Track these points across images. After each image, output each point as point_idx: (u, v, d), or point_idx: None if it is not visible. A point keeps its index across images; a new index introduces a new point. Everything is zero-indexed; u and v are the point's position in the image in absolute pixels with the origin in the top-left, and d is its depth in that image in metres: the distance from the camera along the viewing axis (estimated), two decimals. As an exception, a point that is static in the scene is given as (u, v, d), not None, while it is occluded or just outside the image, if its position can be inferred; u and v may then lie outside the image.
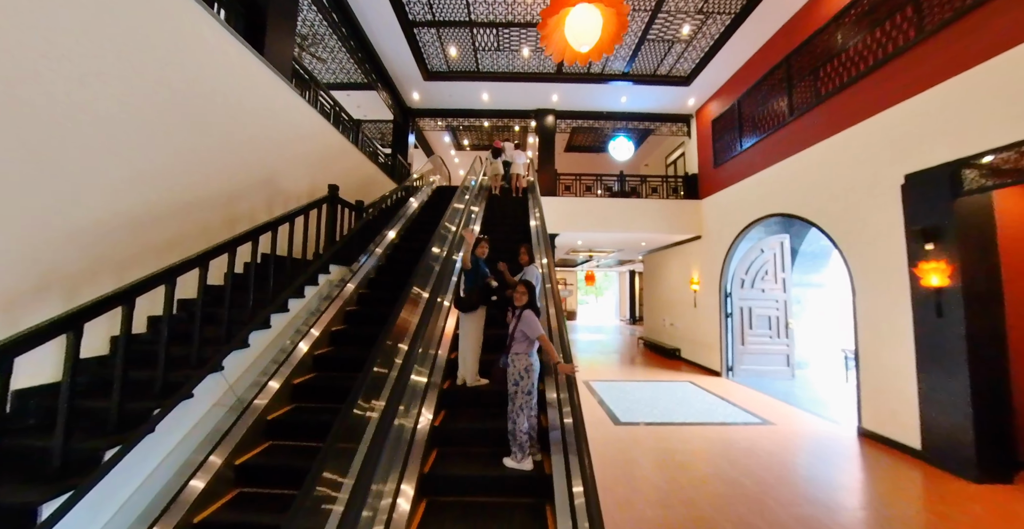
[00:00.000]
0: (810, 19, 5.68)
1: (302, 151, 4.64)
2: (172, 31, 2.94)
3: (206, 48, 3.24)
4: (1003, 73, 3.43)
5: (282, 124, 4.25)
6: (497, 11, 6.14)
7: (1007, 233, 3.85)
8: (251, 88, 3.75)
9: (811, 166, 5.55)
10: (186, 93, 3.06)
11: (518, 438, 2.44)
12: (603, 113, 9.15)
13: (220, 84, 3.39)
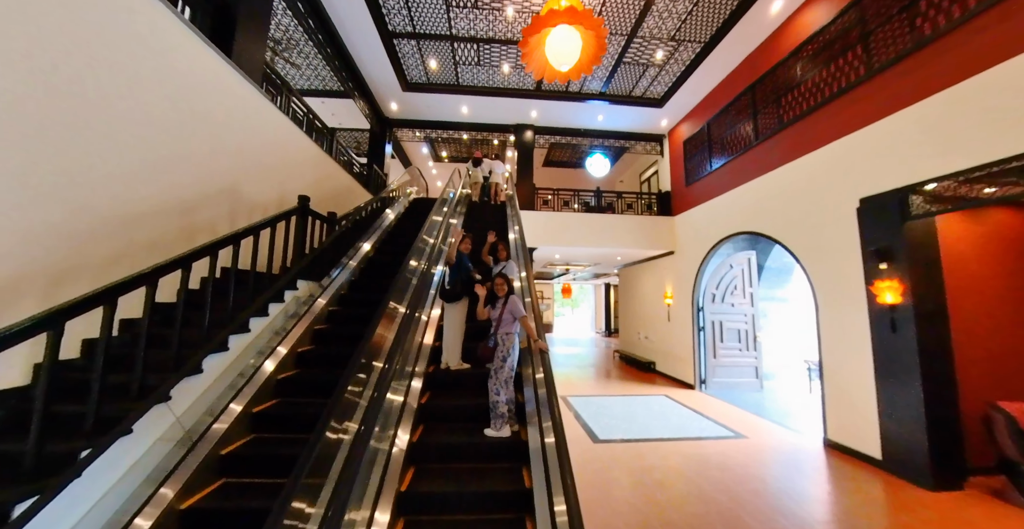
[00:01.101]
0: (772, 52, 6.02)
1: (271, 159, 4.43)
2: (129, 27, 2.75)
3: (166, 47, 3.05)
4: (939, 110, 3.73)
5: (250, 130, 4.05)
6: (478, 27, 6.18)
7: (950, 255, 4.13)
8: (216, 92, 3.56)
9: (775, 187, 5.81)
10: (141, 93, 2.85)
11: (499, 409, 2.79)
12: (580, 130, 9.34)
13: (181, 86, 3.19)
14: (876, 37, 4.41)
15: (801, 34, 5.47)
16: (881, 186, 4.26)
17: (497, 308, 3.11)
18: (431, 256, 4.10)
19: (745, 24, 5.88)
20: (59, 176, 2.33)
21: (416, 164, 12.69)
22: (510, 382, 2.90)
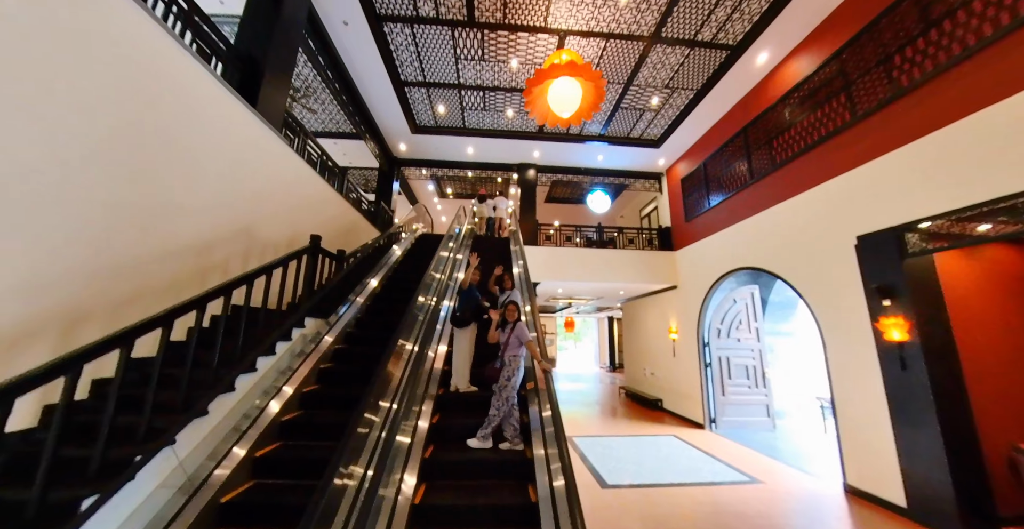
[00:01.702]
0: (762, 97, 6.39)
1: (286, 200, 4.61)
2: (166, 82, 2.98)
3: (199, 99, 3.28)
4: (925, 154, 3.90)
5: (269, 175, 4.25)
6: (484, 76, 6.62)
7: (954, 292, 4.15)
8: (241, 140, 3.78)
9: (774, 224, 5.94)
10: (172, 144, 3.04)
11: (491, 422, 3.07)
12: (581, 169, 9.70)
13: (210, 136, 3.40)
14: (858, 86, 4.71)
15: (788, 82, 5.83)
16: (877, 224, 4.36)
17: (505, 332, 3.41)
18: (440, 291, 4.15)
19: (734, 74, 6.28)
20: (89, 219, 2.44)
21: (422, 200, 13.06)
22: (512, 399, 3.15)
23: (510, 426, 3.10)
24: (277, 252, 4.33)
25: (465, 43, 5.88)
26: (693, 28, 5.50)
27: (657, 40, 5.69)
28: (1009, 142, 3.25)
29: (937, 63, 3.85)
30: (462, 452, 2.94)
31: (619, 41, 5.76)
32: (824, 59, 5.17)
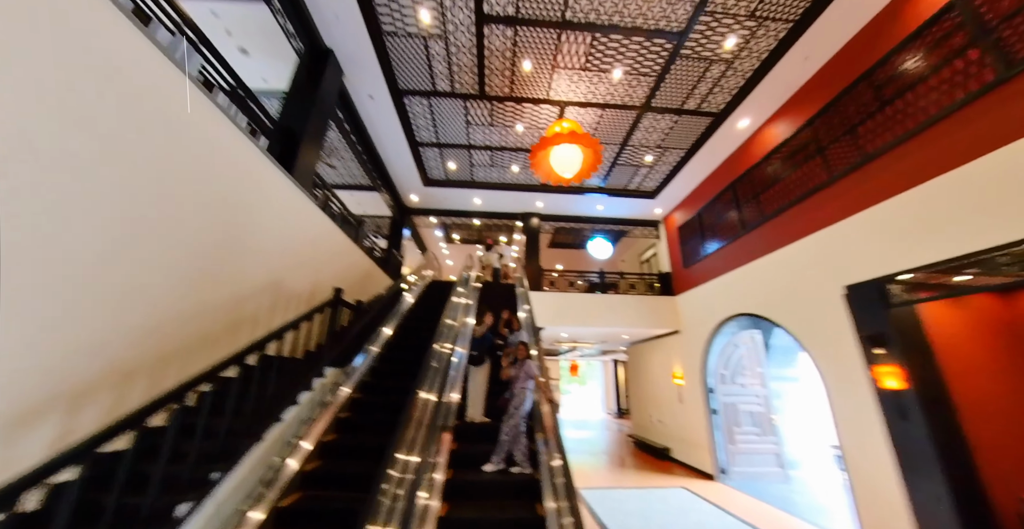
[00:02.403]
0: (746, 156, 6.96)
1: (311, 253, 4.98)
2: (223, 157, 3.44)
3: (249, 172, 3.74)
4: (900, 211, 4.26)
5: (299, 231, 4.66)
6: (492, 138, 7.28)
7: (944, 340, 4.33)
8: (279, 204, 4.22)
9: (768, 272, 6.24)
10: (217, 209, 3.45)
11: (503, 448, 3.52)
12: (582, 217, 10.23)
13: (251, 200, 3.83)
14: (831, 150, 5.21)
15: (768, 144, 6.40)
16: (863, 275, 4.64)
17: (516, 368, 3.91)
18: (453, 338, 4.38)
19: (719, 136, 6.90)
20: (147, 283, 2.77)
21: (430, 245, 13.56)
22: (521, 426, 3.58)
23: (519, 451, 3.50)
24: (300, 302, 4.63)
25: (476, 112, 6.57)
26: (679, 99, 6.17)
27: (648, 109, 6.35)
28: (974, 202, 3.60)
29: (896, 134, 4.34)
30: (478, 474, 3.39)
31: (614, 110, 6.42)
32: (798, 127, 5.75)
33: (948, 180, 3.83)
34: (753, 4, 4.60)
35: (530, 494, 3.19)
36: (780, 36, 5.03)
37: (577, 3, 4.62)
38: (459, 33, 5.02)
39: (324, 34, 5.01)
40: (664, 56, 5.34)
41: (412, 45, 5.24)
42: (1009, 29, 3.42)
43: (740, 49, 5.23)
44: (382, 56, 5.36)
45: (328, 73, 5.14)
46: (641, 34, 4.99)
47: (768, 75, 5.57)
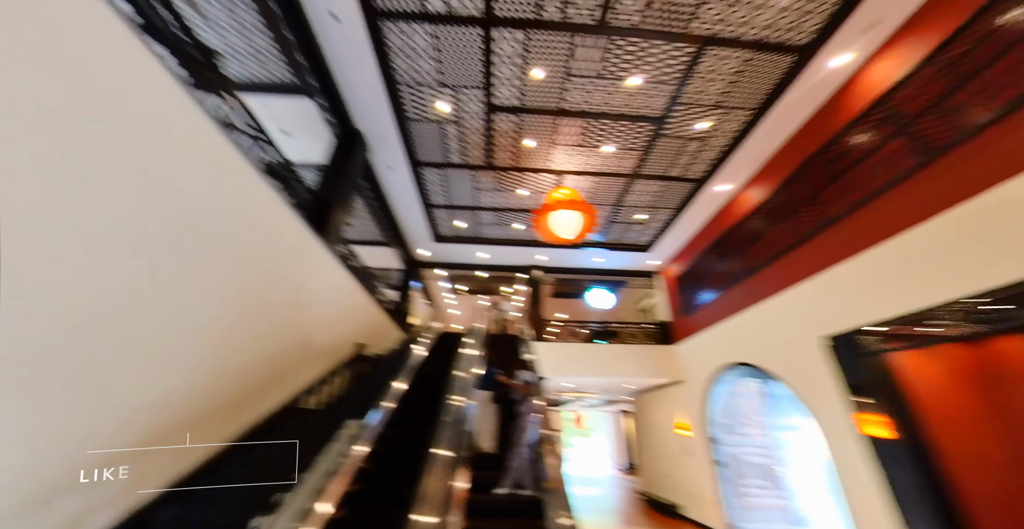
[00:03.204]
0: (728, 216, 7.66)
1: (336, 311, 5.44)
2: (273, 231, 4.02)
3: (293, 241, 4.31)
4: (864, 267, 4.77)
5: (327, 290, 5.15)
6: (498, 201, 8.07)
7: (922, 389, 4.62)
8: (312, 265, 4.76)
9: (757, 323, 6.63)
10: (268, 277, 3.96)
11: (513, 473, 4.08)
12: (582, 269, 10.83)
13: (293, 268, 4.36)
14: (801, 213, 5.86)
15: (746, 206, 7.11)
16: (839, 326, 5.04)
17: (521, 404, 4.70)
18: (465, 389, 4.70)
19: (703, 198, 7.66)
20: (203, 347, 3.20)
21: (436, 296, 14.03)
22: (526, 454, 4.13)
23: (526, 477, 4.03)
24: (323, 356, 4.99)
25: (483, 179, 7.38)
26: (664, 168, 6.99)
27: (637, 176, 7.16)
28: (918, 263, 4.13)
29: (849, 202, 4.99)
30: (490, 496, 3.93)
31: (607, 177, 7.23)
32: (770, 193, 6.47)
33: (896, 243, 4.39)
34: (718, 97, 5.49)
35: (534, 512, 3.68)
36: (744, 120, 5.90)
37: (572, 96, 5.53)
38: (471, 119, 5.91)
39: (355, 119, 5.89)
40: (648, 135, 6.20)
41: (430, 128, 6.12)
42: (924, 123, 4.18)
43: (712, 129, 6.09)
44: (404, 136, 6.22)
45: (356, 150, 5.95)
46: (627, 119, 5.87)
47: (738, 149, 6.40)
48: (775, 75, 5.18)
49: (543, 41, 4.71)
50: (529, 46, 4.77)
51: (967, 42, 3.88)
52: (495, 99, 5.52)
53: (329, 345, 5.24)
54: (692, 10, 4.36)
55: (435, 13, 4.40)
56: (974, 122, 3.74)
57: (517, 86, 5.34)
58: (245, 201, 3.57)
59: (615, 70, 5.10)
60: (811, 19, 4.49)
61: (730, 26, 4.55)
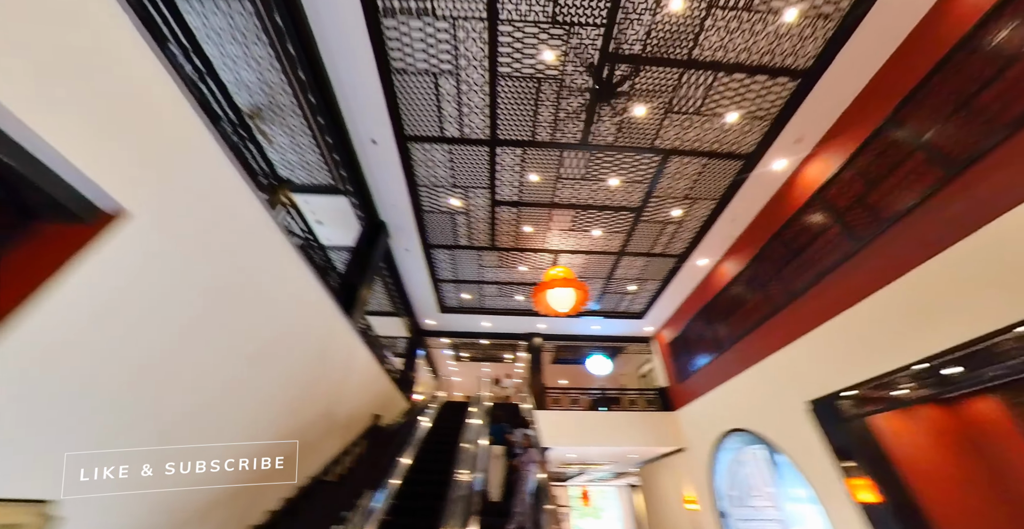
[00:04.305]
0: (710, 287, 8.43)
1: (354, 384, 5.91)
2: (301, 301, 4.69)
3: (320, 314, 4.97)
4: (826, 336, 5.37)
5: (352, 367, 5.69)
6: (500, 276, 8.91)
7: (903, 451, 4.92)
8: (341, 344, 5.36)
9: (749, 388, 7.01)
10: (302, 358, 4.56)
11: (515, 518, 4.66)
12: (580, 336, 11.35)
13: (319, 338, 4.96)
14: (770, 286, 6.61)
15: (725, 278, 7.90)
16: (819, 391, 5.48)
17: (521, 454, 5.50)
18: (471, 464, 4.99)
19: (685, 271, 8.50)
20: (254, 420, 3.70)
21: (440, 363, 14.28)
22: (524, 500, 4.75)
23: (528, 520, 4.56)
24: (341, 426, 5.36)
25: (487, 257, 8.29)
26: (647, 246, 7.92)
27: (623, 254, 8.07)
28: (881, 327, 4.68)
29: (807, 278, 5.75)
30: None
31: (597, 255, 8.14)
32: (742, 267, 7.31)
33: (853, 313, 5.03)
34: (686, 191, 6.58)
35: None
36: (711, 208, 6.94)
37: (562, 193, 6.61)
38: (478, 211, 6.95)
39: (381, 213, 6.92)
40: (630, 221, 7.21)
41: (443, 218, 7.15)
42: (849, 216, 5.11)
43: (685, 215, 7.11)
44: (420, 224, 7.23)
45: (380, 238, 6.90)
46: (610, 209, 6.92)
47: (710, 231, 7.38)
48: (730, 174, 6.30)
49: (537, 154, 5.87)
50: (526, 158, 5.93)
51: (871, 154, 4.96)
52: (498, 195, 6.60)
53: (347, 417, 5.62)
54: (654, 132, 5.56)
55: (451, 136, 5.59)
56: (887, 216, 4.65)
57: (516, 186, 6.44)
58: (294, 286, 4.31)
59: (597, 173, 6.23)
60: (750, 135, 5.68)
61: (687, 142, 5.73)
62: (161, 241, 2.49)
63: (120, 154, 2.24)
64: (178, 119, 2.62)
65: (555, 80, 4.87)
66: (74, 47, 2.00)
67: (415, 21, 4.32)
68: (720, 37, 4.46)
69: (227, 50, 4.73)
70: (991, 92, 3.63)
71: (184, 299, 2.71)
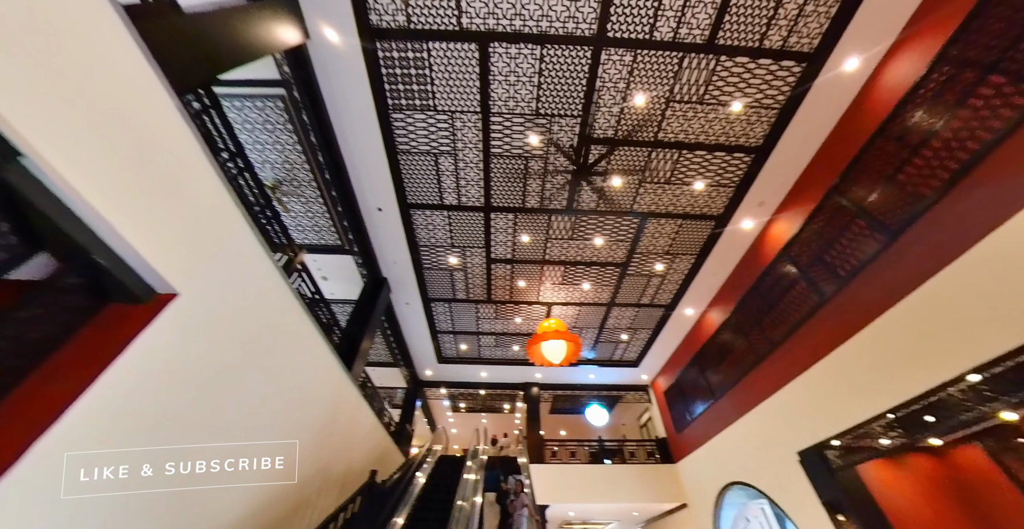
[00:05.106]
0: (697, 336, 8.73)
1: (352, 439, 6.04)
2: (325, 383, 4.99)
3: (323, 370, 5.25)
4: (809, 385, 5.62)
5: (350, 422, 5.87)
6: (497, 327, 9.23)
7: (892, 501, 4.97)
8: (340, 400, 5.59)
9: (743, 438, 7.06)
10: (314, 411, 4.80)
11: None
12: (577, 385, 11.41)
13: (328, 404, 5.21)
14: (751, 337, 6.94)
15: (711, 328, 8.23)
16: (807, 441, 5.61)
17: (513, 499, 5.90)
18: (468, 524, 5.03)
19: (674, 320, 8.86)
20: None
21: (437, 414, 14.08)
22: None
23: None
24: (337, 483, 5.42)
25: (484, 310, 8.68)
26: (636, 297, 8.35)
27: (613, 305, 8.48)
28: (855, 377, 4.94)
29: (784, 329, 6.11)
30: None
31: (589, 306, 8.55)
32: (727, 316, 7.68)
33: (826, 363, 5.33)
34: (666, 248, 7.14)
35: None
36: (691, 262, 7.47)
37: (552, 251, 7.17)
38: (474, 268, 7.48)
39: (383, 270, 7.43)
40: (616, 275, 7.71)
41: (442, 274, 7.66)
42: (812, 272, 5.60)
43: (667, 269, 7.62)
44: (420, 280, 7.72)
45: (382, 294, 7.34)
46: (597, 265, 7.45)
47: (693, 282, 7.85)
48: (705, 232, 6.90)
49: (527, 218, 6.50)
50: (517, 221, 6.55)
51: (823, 218, 5.55)
52: (493, 254, 7.15)
53: (343, 472, 5.69)
54: (632, 198, 6.22)
55: (450, 204, 6.25)
56: (843, 274, 5.12)
57: (510, 245, 7.01)
58: (302, 347, 4.67)
59: (583, 234, 6.83)
60: (718, 200, 6.34)
61: (662, 206, 6.38)
62: (200, 317, 2.93)
63: (175, 244, 2.74)
64: (220, 209, 3.17)
65: (540, 158, 5.60)
66: (155, 166, 2.57)
67: (419, 114, 5.11)
68: (680, 123, 5.25)
69: (258, 136, 5.50)
70: (910, 169, 4.27)
71: (210, 368, 3.09)
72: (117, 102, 2.31)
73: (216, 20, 3.11)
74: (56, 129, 1.99)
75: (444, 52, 4.51)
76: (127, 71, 2.39)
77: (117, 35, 2.34)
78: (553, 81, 4.75)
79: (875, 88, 4.75)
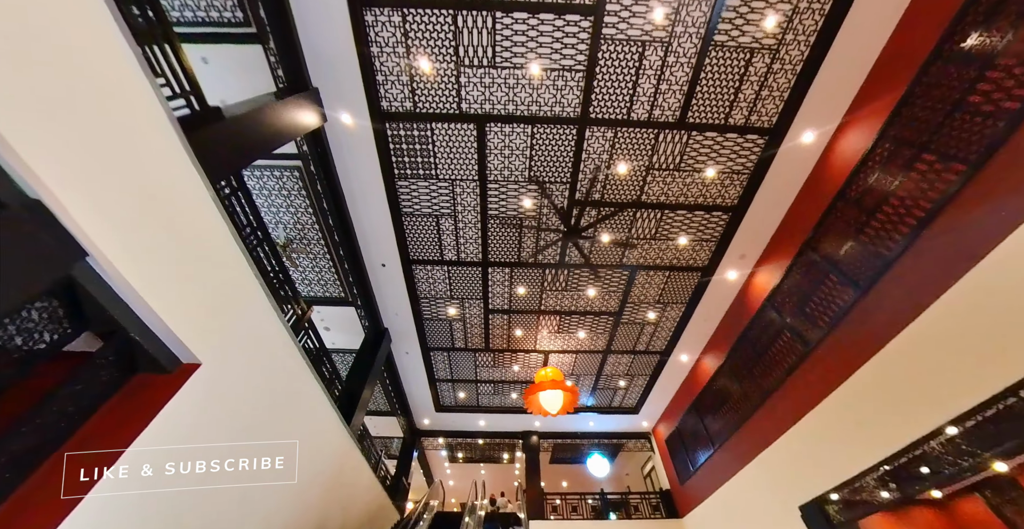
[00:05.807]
0: (694, 383, 8.79)
1: (347, 494, 5.98)
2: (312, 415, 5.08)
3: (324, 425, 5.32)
4: (803, 437, 5.67)
5: (347, 479, 5.85)
6: (495, 375, 9.30)
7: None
8: (339, 455, 5.62)
9: (746, 491, 6.92)
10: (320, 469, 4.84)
11: None
12: (577, 433, 11.21)
13: (326, 456, 5.25)
14: (744, 385, 7.05)
15: (705, 375, 8.33)
16: (806, 495, 5.56)
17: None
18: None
19: (670, 366, 8.95)
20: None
21: (434, 465, 13.62)
22: None
23: None
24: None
25: (483, 358, 8.81)
26: (631, 344, 8.52)
27: (610, 352, 8.63)
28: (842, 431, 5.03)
29: (773, 379, 6.26)
30: None
31: (585, 353, 8.69)
32: (720, 363, 7.82)
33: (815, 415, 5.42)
34: (656, 297, 7.45)
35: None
36: (681, 310, 7.74)
37: (547, 302, 7.47)
38: (473, 318, 7.73)
39: (384, 320, 7.67)
40: (611, 323, 7.95)
41: (441, 324, 7.88)
42: (795, 322, 5.86)
43: (660, 317, 7.88)
44: (419, 331, 7.93)
45: (382, 343, 7.52)
46: (592, 314, 7.71)
47: (686, 329, 8.07)
48: (692, 282, 7.23)
49: (523, 272, 6.87)
50: (514, 275, 6.91)
51: (798, 272, 5.91)
52: (491, 305, 7.44)
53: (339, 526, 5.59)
54: (621, 252, 6.62)
55: (449, 260, 6.63)
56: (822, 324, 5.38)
57: (507, 297, 7.32)
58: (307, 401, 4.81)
59: (576, 285, 7.16)
60: (701, 253, 6.74)
61: (650, 258, 6.77)
62: (220, 384, 3.16)
63: (200, 316, 3.03)
64: (241, 281, 3.49)
65: (534, 218, 6.06)
66: (188, 249, 2.92)
67: (423, 181, 5.62)
68: (660, 187, 5.76)
69: (273, 201, 5.99)
70: (868, 230, 4.68)
71: (227, 433, 3.27)
72: (164, 199, 2.70)
73: (250, 119, 3.62)
74: (114, 229, 2.34)
75: (445, 131, 5.09)
76: (175, 172, 2.81)
77: (171, 144, 2.78)
78: (544, 153, 5.31)
79: (831, 158, 5.30)
